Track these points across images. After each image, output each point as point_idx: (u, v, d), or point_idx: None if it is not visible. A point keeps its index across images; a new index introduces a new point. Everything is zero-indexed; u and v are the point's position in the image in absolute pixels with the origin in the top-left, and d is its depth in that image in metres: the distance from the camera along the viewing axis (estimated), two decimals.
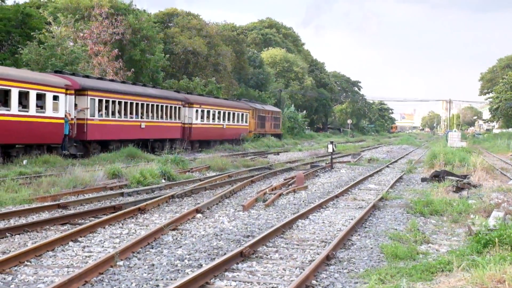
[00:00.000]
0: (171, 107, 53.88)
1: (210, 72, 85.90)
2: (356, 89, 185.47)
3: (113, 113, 44.76)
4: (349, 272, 12.28)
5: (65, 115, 38.13)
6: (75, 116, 39.78)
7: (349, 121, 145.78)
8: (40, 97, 36.01)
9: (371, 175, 34.96)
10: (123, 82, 49.72)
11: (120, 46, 62.21)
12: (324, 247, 14.49)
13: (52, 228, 16.14)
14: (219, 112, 63.96)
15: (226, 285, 11.10)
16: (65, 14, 57.88)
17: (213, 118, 62.61)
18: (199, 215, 18.79)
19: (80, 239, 14.64)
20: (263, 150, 63.94)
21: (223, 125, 65.17)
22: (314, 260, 12.82)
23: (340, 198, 24.41)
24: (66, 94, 38.53)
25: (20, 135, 34.13)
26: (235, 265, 12.51)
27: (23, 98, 34.73)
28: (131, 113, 46.99)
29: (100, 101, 42.75)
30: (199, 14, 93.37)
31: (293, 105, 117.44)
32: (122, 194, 23.09)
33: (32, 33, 52.69)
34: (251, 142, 68.65)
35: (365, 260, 13.36)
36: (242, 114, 71.66)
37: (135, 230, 16.17)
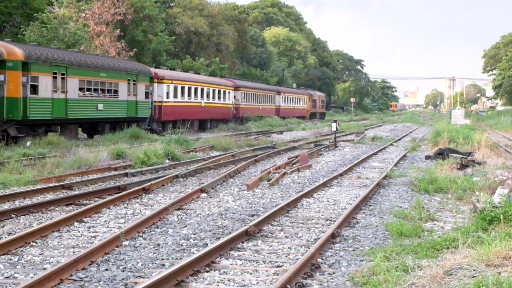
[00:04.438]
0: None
1: (212, 52, 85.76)
2: (359, 67, 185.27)
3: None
4: (354, 250, 12.29)
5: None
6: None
7: (352, 100, 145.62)
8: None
9: (375, 153, 34.95)
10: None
11: (122, 27, 62.01)
12: (329, 225, 14.51)
13: (57, 209, 16.16)
14: (287, 97, 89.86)
15: (231, 264, 11.12)
16: None
17: (286, 101, 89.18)
18: (203, 195, 18.80)
19: (85, 219, 14.65)
20: (267, 129, 63.87)
21: (294, 106, 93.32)
22: (319, 238, 12.81)
23: (344, 176, 24.41)
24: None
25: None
26: (240, 244, 12.52)
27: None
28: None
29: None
30: None
31: (295, 84, 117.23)
32: (126, 175, 23.09)
33: (34, 14, 52.53)
34: (254, 121, 68.68)
35: (370, 238, 13.37)
36: (304, 98, 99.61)
37: (140, 210, 16.18)
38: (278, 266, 11.03)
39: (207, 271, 10.60)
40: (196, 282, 9.96)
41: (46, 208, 15.99)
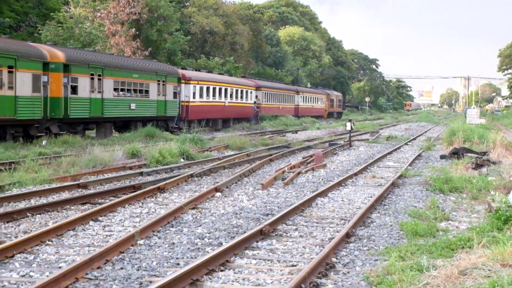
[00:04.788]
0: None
1: (227, 51, 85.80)
2: (374, 66, 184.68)
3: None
4: (369, 249, 12.29)
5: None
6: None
7: (367, 99, 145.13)
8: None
9: (389, 153, 34.88)
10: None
11: (137, 26, 62.13)
12: (343, 225, 14.50)
13: (72, 207, 16.22)
14: (306, 96, 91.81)
15: (246, 263, 11.14)
16: None
17: (305, 101, 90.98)
18: (218, 194, 18.83)
19: (100, 218, 14.70)
20: (281, 128, 63.87)
21: (312, 106, 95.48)
22: (334, 238, 12.82)
23: (359, 176, 24.38)
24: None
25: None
26: (255, 243, 12.54)
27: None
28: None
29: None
30: None
31: (309, 83, 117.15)
32: (141, 174, 23.14)
33: (51, 14, 52.72)
34: (269, 120, 68.82)
35: (384, 237, 13.36)
36: (322, 98, 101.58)
37: (155, 209, 16.22)
38: (292, 266, 11.04)
39: (221, 270, 10.62)
40: (211, 281, 9.98)
41: (61, 207, 16.05)
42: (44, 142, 32.50)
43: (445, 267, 10.15)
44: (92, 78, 38.77)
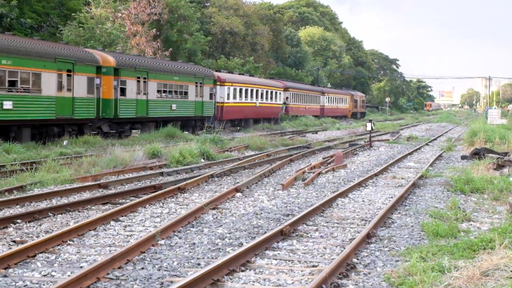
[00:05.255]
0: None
1: (247, 52, 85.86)
2: (394, 67, 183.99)
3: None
4: (390, 250, 12.26)
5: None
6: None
7: (387, 99, 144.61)
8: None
9: (410, 153, 34.76)
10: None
11: (158, 26, 62.27)
12: (364, 225, 14.47)
13: (93, 207, 16.28)
14: (331, 97, 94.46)
15: (267, 264, 11.14)
16: None
17: (330, 101, 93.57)
18: (238, 194, 18.84)
19: (121, 218, 14.76)
20: (301, 129, 63.86)
21: (337, 106, 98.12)
22: (354, 238, 12.80)
23: (380, 176, 24.32)
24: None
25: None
26: (275, 243, 12.54)
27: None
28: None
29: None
30: None
31: (329, 84, 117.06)
32: (161, 174, 23.20)
33: (72, 14, 52.95)
34: (288, 121, 68.95)
35: (405, 238, 13.32)
36: (346, 98, 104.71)
37: (176, 209, 16.26)
38: (313, 266, 11.03)
39: (242, 271, 10.62)
40: (232, 282, 9.99)
41: (82, 207, 16.14)
42: (65, 142, 32.69)
43: (467, 268, 10.11)
44: (138, 81, 41.68)
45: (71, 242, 12.34)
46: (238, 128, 58.12)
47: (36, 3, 52.80)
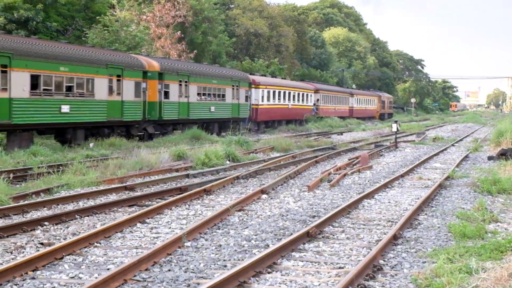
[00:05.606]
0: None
1: (272, 53, 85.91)
2: (419, 67, 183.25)
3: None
4: (416, 251, 12.21)
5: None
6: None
7: (412, 100, 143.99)
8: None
9: (436, 154, 34.59)
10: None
11: (182, 29, 62.44)
12: (390, 226, 14.43)
13: (119, 210, 16.35)
14: (359, 98, 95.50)
15: (293, 265, 11.13)
16: None
17: (358, 103, 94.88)
18: (264, 196, 18.84)
19: (147, 220, 14.80)
20: (327, 130, 63.75)
21: (365, 107, 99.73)
22: (381, 240, 12.76)
23: (406, 177, 24.22)
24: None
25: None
26: (301, 245, 12.53)
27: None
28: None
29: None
30: None
31: (354, 85, 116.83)
32: (187, 176, 23.24)
33: (97, 17, 53.19)
34: (314, 122, 68.99)
35: (432, 239, 13.26)
36: (374, 100, 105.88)
37: (201, 211, 16.28)
38: (339, 268, 11.01)
39: (268, 272, 10.63)
40: (258, 283, 9.99)
41: (109, 209, 16.21)
42: (91, 145, 32.89)
43: (495, 270, 10.05)
44: (180, 85, 43.75)
45: (98, 244, 12.40)
46: (270, 129, 60.34)
47: (62, 6, 53.06)
